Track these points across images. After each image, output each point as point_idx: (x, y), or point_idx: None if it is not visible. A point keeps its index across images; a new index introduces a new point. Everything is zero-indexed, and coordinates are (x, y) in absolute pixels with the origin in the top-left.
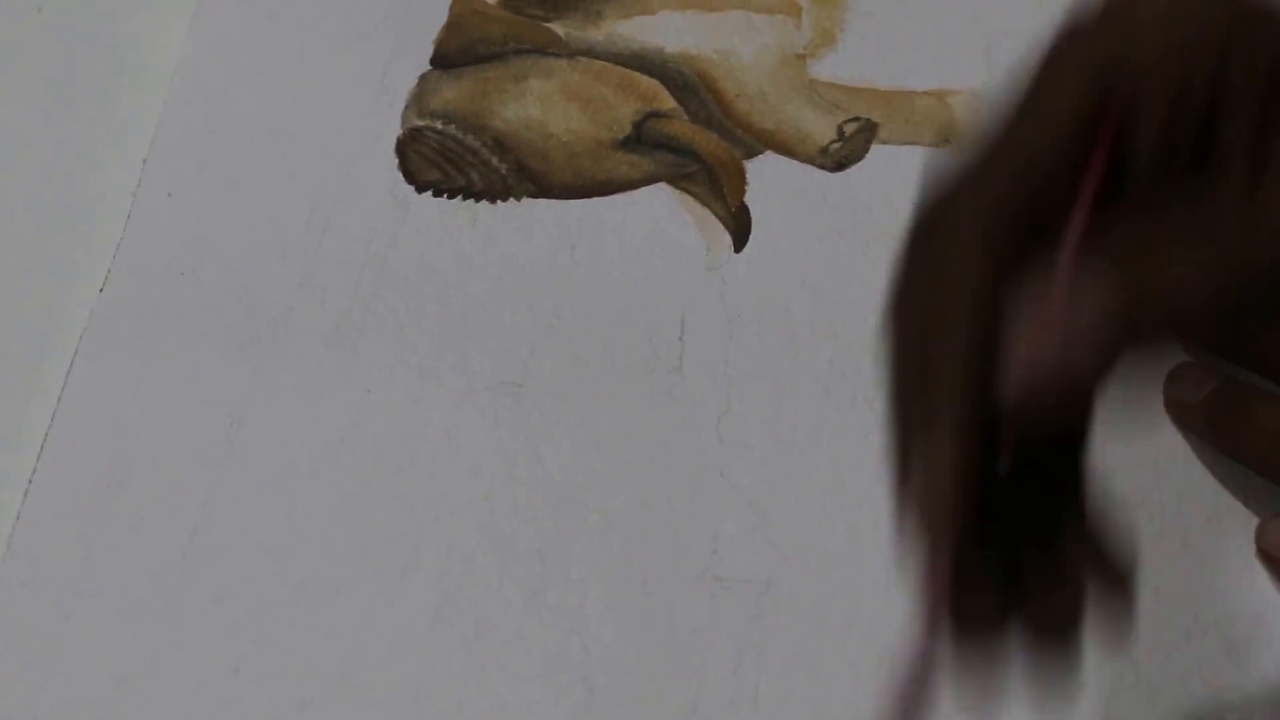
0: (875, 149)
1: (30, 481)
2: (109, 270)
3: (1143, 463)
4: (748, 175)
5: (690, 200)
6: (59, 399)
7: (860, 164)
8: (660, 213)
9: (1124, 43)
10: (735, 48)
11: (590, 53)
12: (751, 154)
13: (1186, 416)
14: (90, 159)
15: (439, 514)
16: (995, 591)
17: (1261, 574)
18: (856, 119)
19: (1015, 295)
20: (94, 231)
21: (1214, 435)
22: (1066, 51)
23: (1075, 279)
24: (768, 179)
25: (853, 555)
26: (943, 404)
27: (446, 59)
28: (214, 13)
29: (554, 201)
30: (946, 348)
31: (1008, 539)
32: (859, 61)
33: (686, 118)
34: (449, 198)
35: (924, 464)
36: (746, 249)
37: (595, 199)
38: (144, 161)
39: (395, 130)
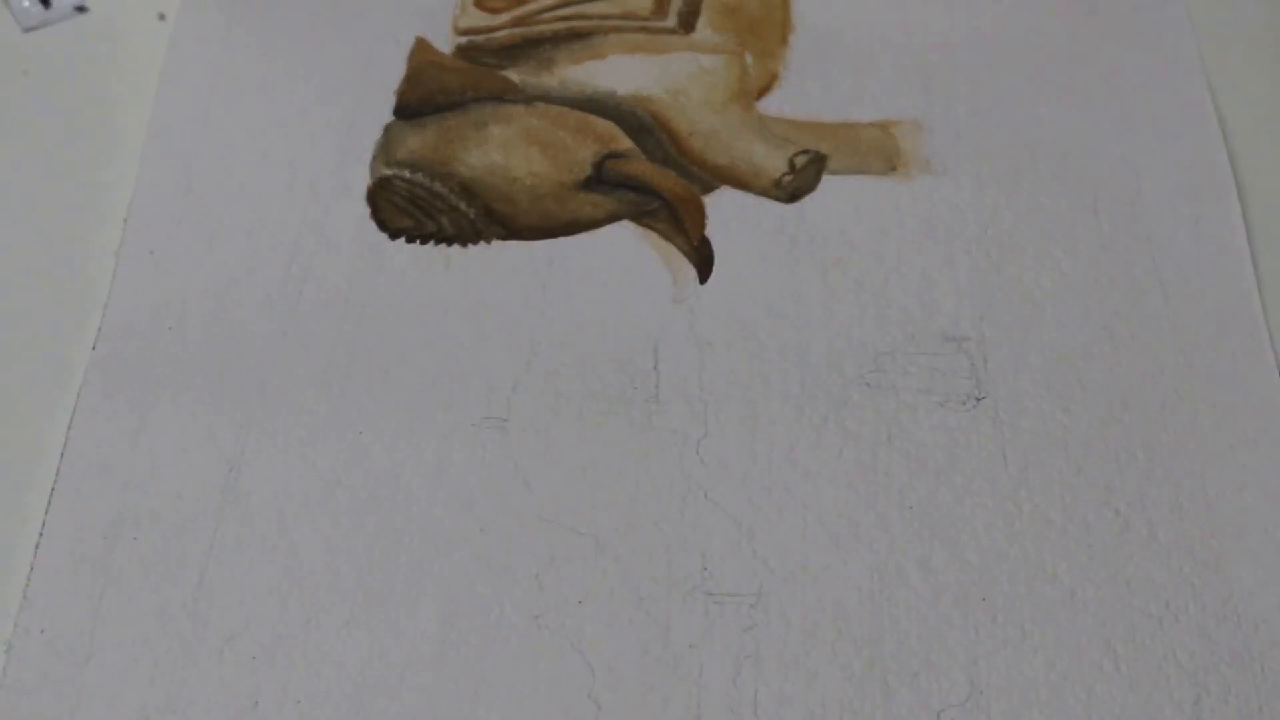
0: (826, 179)
1: (41, 535)
2: (99, 328)
3: (1105, 458)
4: (707, 210)
5: (654, 236)
6: (62, 455)
7: (813, 194)
8: (626, 249)
9: None
10: (685, 87)
11: (546, 98)
12: (709, 189)
13: None
14: (72, 220)
15: (438, 545)
16: None
17: (1227, 557)
18: (806, 151)
19: None
20: (82, 291)
21: None
22: None
23: None
24: (726, 212)
25: (835, 564)
26: None
27: (408, 109)
28: (180, 75)
29: (523, 243)
30: None
31: None
32: (804, 97)
33: (644, 157)
34: (421, 243)
35: None
36: (711, 280)
37: (562, 239)
38: (124, 221)
39: (364, 180)
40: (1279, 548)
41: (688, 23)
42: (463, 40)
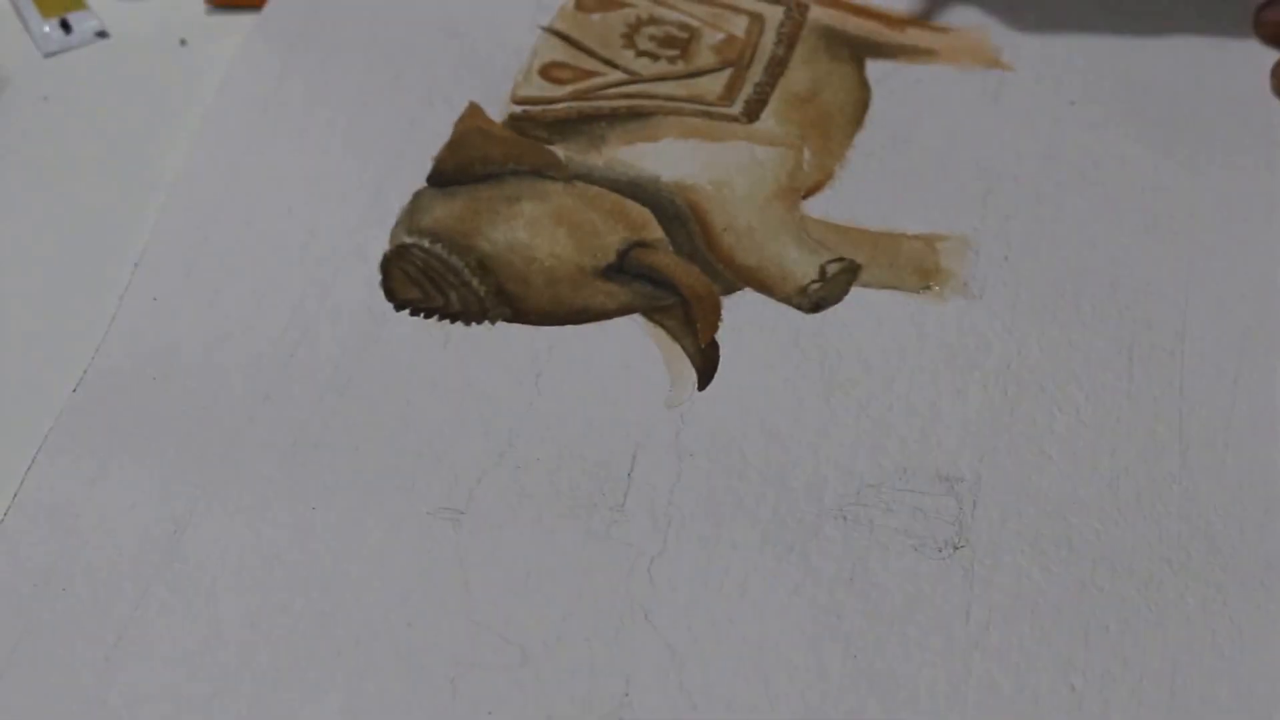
0: (854, 292)
1: None
2: (85, 370)
3: (1075, 626)
4: (723, 311)
5: (661, 334)
6: (14, 496)
7: (837, 307)
8: (630, 345)
9: None
10: (731, 179)
11: (588, 177)
12: (730, 290)
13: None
14: (83, 256)
15: (360, 636)
16: None
17: None
18: (840, 259)
19: None
20: (78, 330)
21: None
22: None
23: None
24: (742, 316)
25: (761, 706)
26: None
27: (444, 177)
28: (220, 119)
29: (527, 327)
30: None
31: None
32: (854, 200)
33: (671, 249)
34: (425, 317)
35: None
36: (710, 387)
37: (568, 327)
38: (135, 265)
39: (383, 246)
40: None
41: (752, 111)
42: (517, 110)
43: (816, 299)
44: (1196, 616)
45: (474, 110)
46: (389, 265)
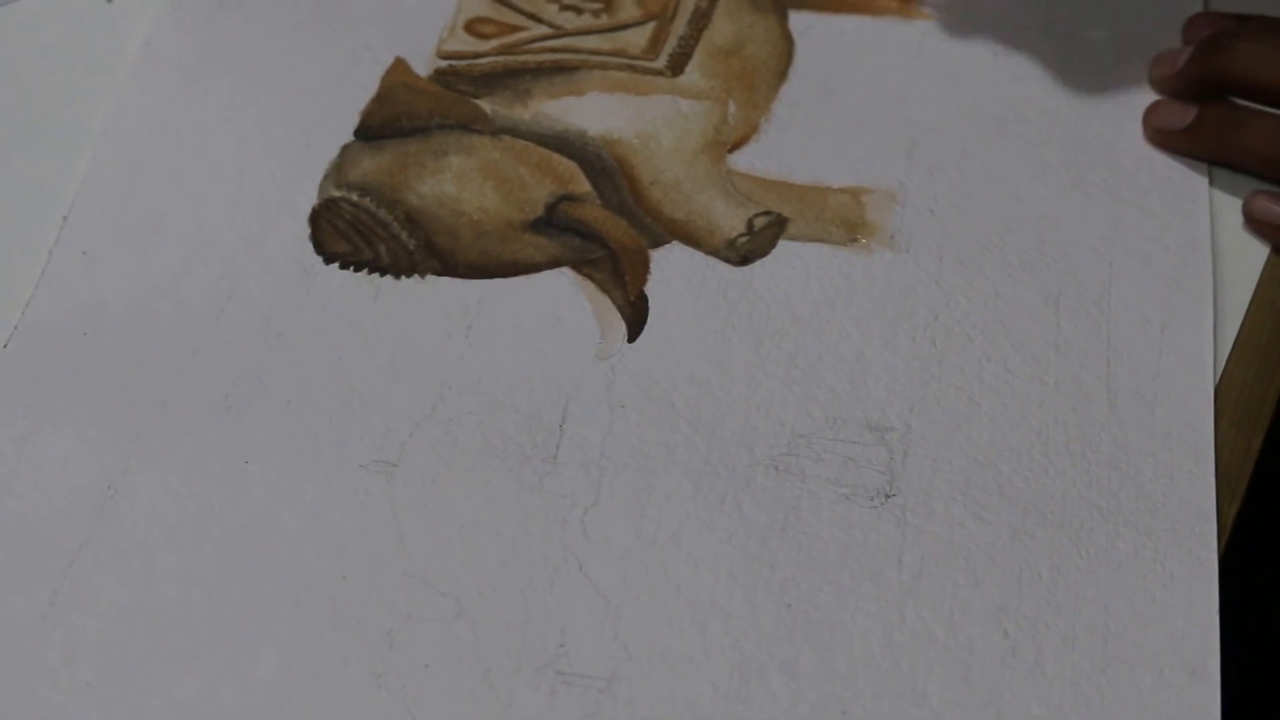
0: (781, 245)
1: None
2: (15, 326)
3: (1007, 574)
4: (652, 264)
5: (591, 287)
6: None
7: (765, 259)
8: (559, 298)
9: None
10: (657, 133)
11: (514, 131)
12: (658, 243)
13: (1173, 141)
14: (13, 213)
15: (296, 589)
16: None
17: (1111, 696)
18: (767, 213)
19: None
20: (7, 286)
21: (1207, 151)
22: None
23: None
24: (671, 269)
25: (696, 655)
26: None
27: (370, 131)
28: (146, 74)
29: (456, 281)
30: None
31: None
32: (780, 153)
33: (599, 203)
34: (355, 271)
35: None
36: (640, 339)
37: (497, 280)
38: (64, 219)
39: (311, 200)
40: (1171, 693)
41: (677, 65)
42: (443, 64)
43: (744, 252)
44: (1128, 563)
45: (400, 65)
46: (317, 219)
